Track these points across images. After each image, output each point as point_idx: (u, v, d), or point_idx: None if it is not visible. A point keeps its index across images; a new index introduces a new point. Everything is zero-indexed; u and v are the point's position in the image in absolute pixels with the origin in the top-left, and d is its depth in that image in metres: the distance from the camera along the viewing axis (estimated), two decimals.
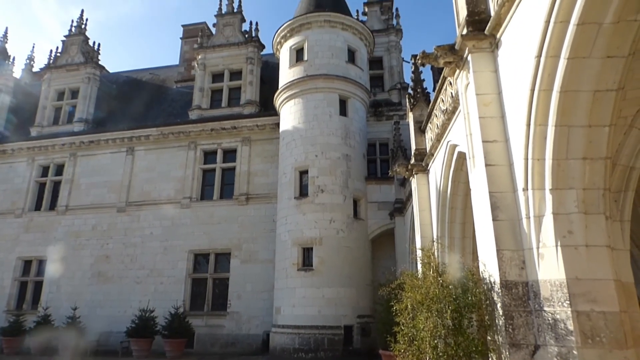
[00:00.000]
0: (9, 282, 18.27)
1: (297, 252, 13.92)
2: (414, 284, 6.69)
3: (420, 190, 9.76)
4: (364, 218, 14.88)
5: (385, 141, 17.27)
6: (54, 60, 21.87)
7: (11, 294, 18.16)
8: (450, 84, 6.66)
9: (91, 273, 17.40)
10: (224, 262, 16.52)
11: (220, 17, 20.22)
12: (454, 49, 5.26)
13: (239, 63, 19.18)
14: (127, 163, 18.58)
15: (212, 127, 17.93)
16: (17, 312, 16.82)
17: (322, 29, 15.97)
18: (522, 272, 4.45)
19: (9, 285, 18.22)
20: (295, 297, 13.49)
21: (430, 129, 8.88)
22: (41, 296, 17.64)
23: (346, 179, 14.63)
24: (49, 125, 20.59)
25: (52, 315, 15.55)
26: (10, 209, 19.38)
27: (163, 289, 16.33)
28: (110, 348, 15.22)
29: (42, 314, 15.58)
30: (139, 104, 21.06)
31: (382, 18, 19.87)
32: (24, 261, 18.64)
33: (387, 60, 18.76)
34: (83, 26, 22.53)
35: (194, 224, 16.96)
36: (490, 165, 4.77)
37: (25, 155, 20.06)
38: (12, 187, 19.74)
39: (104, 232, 17.81)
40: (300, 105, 15.45)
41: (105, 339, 15.63)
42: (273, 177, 16.57)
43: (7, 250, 18.75)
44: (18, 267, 18.55)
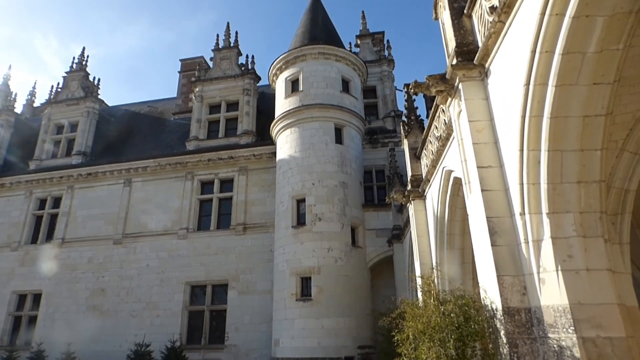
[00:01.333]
0: (3, 317, 17.86)
1: (295, 282, 13.71)
2: (415, 313, 6.59)
3: (417, 217, 9.75)
4: (362, 246, 14.76)
5: (381, 168, 17.38)
6: (54, 95, 22.21)
7: (5, 329, 17.71)
8: (443, 112, 6.80)
9: (86, 307, 17.02)
10: (221, 294, 16.23)
11: (217, 51, 20.73)
12: (445, 78, 5.41)
13: (235, 94, 19.51)
14: (124, 195, 18.55)
15: (209, 157, 18.03)
16: (10, 348, 16.35)
17: (316, 60, 16.39)
18: (524, 298, 4.40)
19: (2, 320, 17.80)
20: (294, 329, 13.18)
21: (425, 155, 8.98)
22: (35, 331, 17.18)
23: (343, 207, 14.61)
24: (47, 158, 20.68)
25: (47, 351, 15.09)
26: (6, 242, 19.17)
27: (159, 322, 15.94)
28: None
29: (36, 350, 15.11)
30: (137, 136, 21.26)
31: (374, 49, 20.49)
32: (19, 295, 18.28)
33: (381, 89, 19.17)
34: (84, 62, 23.03)
35: (191, 255, 16.76)
36: (486, 191, 4.80)
37: (23, 188, 20.02)
38: (10, 221, 19.60)
39: (100, 265, 17.56)
40: (297, 134, 15.62)
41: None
42: (270, 206, 16.54)
43: (1, 285, 18.42)
44: (12, 302, 18.17)
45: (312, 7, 19.15)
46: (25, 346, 16.65)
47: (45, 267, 18.19)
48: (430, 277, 7.44)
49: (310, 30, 17.57)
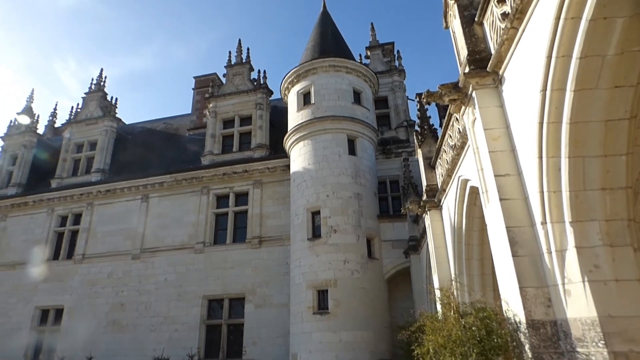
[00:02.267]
0: (27, 331, 18.17)
1: (311, 295, 13.58)
2: (435, 326, 6.47)
3: (434, 227, 9.60)
4: (379, 257, 14.58)
5: (395, 178, 17.24)
6: (74, 115, 22.83)
7: (29, 344, 18.01)
8: (456, 120, 6.71)
9: (106, 321, 17.19)
10: (238, 308, 16.18)
11: (229, 67, 21.06)
12: (458, 87, 5.35)
13: (248, 109, 19.73)
14: (141, 210, 18.81)
15: (224, 171, 18.18)
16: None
17: (327, 73, 16.48)
18: (549, 310, 4.24)
19: (26, 335, 18.10)
20: (311, 343, 13.02)
21: (440, 164, 8.86)
22: (57, 346, 17.40)
23: (358, 218, 14.49)
24: (68, 176, 21.17)
25: None
26: (30, 259, 19.58)
27: (177, 336, 15.96)
28: None
29: None
30: (154, 153, 21.62)
31: (384, 60, 20.51)
32: (42, 310, 18.61)
33: (392, 100, 19.12)
34: (102, 83, 23.67)
35: (208, 269, 16.81)
36: (505, 200, 4.68)
37: (45, 206, 20.49)
38: (33, 238, 20.06)
39: (119, 280, 17.76)
40: (310, 146, 15.65)
41: None
42: (285, 219, 16.52)
43: (25, 300, 18.79)
44: (36, 317, 18.50)
45: (321, 21, 19.36)
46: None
47: (66, 282, 18.51)
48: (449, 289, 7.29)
49: (320, 44, 17.72)
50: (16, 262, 19.81)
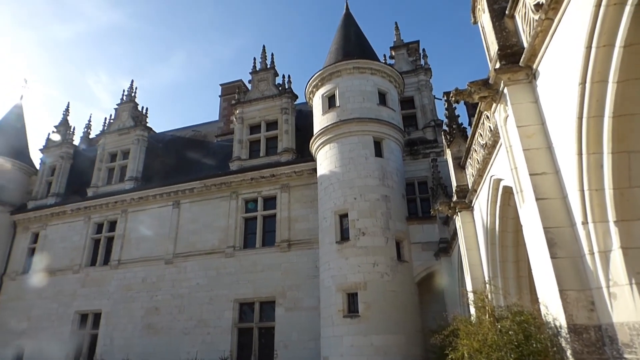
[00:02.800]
0: (68, 335, 18.94)
1: (341, 298, 13.52)
2: (469, 330, 6.35)
3: (465, 229, 9.37)
4: (408, 260, 14.36)
5: (423, 179, 16.96)
6: (107, 126, 23.71)
7: (70, 347, 18.75)
8: (487, 118, 6.52)
9: (142, 325, 17.69)
10: (268, 311, 16.30)
11: (255, 73, 21.34)
12: (488, 84, 5.19)
13: (274, 114, 19.92)
14: (173, 216, 19.29)
15: (252, 176, 18.41)
16: None
17: (351, 75, 16.42)
18: (592, 314, 4.04)
19: (67, 338, 18.87)
20: (342, 346, 12.94)
21: (470, 164, 8.64)
22: (96, 349, 18.05)
23: (387, 221, 14.33)
24: (103, 185, 21.97)
25: None
26: (69, 265, 20.46)
27: (210, 339, 16.23)
28: None
29: None
30: (183, 160, 22.17)
31: (409, 59, 20.21)
32: (81, 315, 19.36)
33: (419, 99, 18.85)
34: (133, 94, 24.46)
35: (238, 273, 17.04)
36: (542, 199, 4.51)
37: (82, 214, 21.35)
38: (71, 245, 20.92)
39: (153, 284, 18.25)
40: (336, 149, 15.63)
41: None
42: (313, 222, 16.54)
43: (66, 305, 19.61)
44: (76, 321, 19.27)
45: (344, 23, 19.32)
46: None
47: (103, 287, 19.20)
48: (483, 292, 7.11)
49: (343, 46, 17.69)
50: (56, 268, 20.70)
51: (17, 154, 24.45)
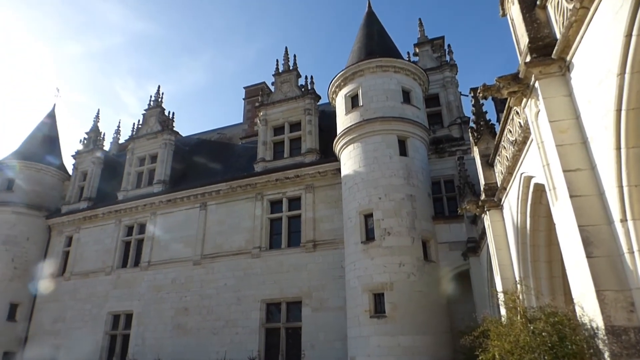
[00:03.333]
0: (101, 335, 19.60)
1: (367, 298, 13.46)
2: (500, 331, 6.26)
3: (494, 228, 9.16)
4: (435, 260, 14.16)
5: (450, 178, 16.69)
6: (136, 131, 24.43)
7: (103, 347, 19.41)
8: (517, 114, 6.35)
9: (172, 325, 18.12)
10: (295, 311, 16.40)
11: (277, 75, 21.53)
12: (518, 78, 5.06)
13: (297, 115, 20.04)
14: (200, 218, 19.69)
15: (277, 177, 18.58)
16: None
17: (374, 74, 16.32)
18: (632, 315, 3.89)
19: (101, 339, 19.53)
20: (369, 346, 12.89)
21: (499, 161, 8.45)
22: (128, 349, 18.60)
23: (412, 220, 14.18)
24: (133, 188, 22.63)
25: None
26: (101, 267, 21.17)
27: (238, 339, 16.47)
28: None
29: None
30: (209, 162, 22.60)
31: (434, 56, 19.89)
32: (113, 315, 19.98)
33: (444, 96, 18.55)
34: (159, 99, 25.10)
35: (265, 273, 17.22)
36: (576, 197, 4.36)
37: (113, 217, 22.06)
38: (103, 248, 21.65)
39: (182, 285, 18.67)
40: (360, 149, 15.57)
41: None
42: (338, 223, 16.54)
43: (99, 306, 20.29)
44: (108, 322, 19.90)
45: (367, 21, 19.23)
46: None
47: (134, 289, 19.77)
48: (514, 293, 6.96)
49: (366, 45, 17.61)
50: (90, 270, 21.45)
51: (51, 160, 25.49)
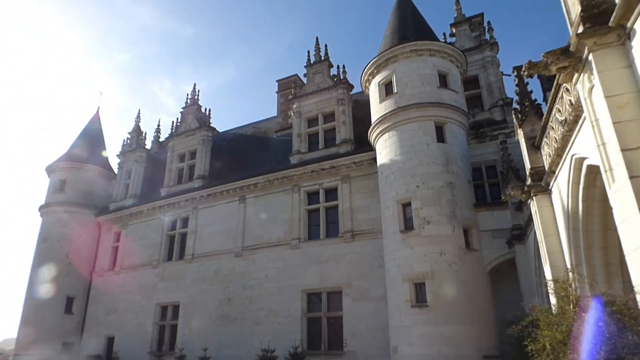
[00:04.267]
0: (150, 326, 20.57)
1: (408, 288, 13.31)
2: (551, 321, 6.05)
3: (542, 214, 8.76)
4: (478, 248, 13.76)
5: (491, 163, 16.09)
6: (175, 129, 25.19)
7: (153, 337, 20.37)
8: (567, 91, 5.96)
9: (217, 315, 18.73)
10: (336, 301, 16.49)
11: (309, 67, 21.46)
12: (569, 52, 4.72)
13: (330, 106, 19.93)
14: (239, 211, 20.12)
15: (312, 168, 18.62)
16: (158, 354, 18.76)
17: (408, 59, 15.87)
18: None
19: (150, 329, 20.50)
20: (411, 336, 12.77)
21: (546, 143, 8.01)
22: (177, 338, 19.42)
23: (453, 208, 13.81)
24: (174, 184, 23.41)
25: (187, 356, 16.87)
26: (148, 261, 22.14)
27: (281, 329, 16.80)
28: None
29: (179, 355, 17.03)
30: (246, 156, 22.99)
31: (472, 35, 19.02)
32: (161, 307, 20.89)
33: (484, 78, 17.79)
34: (196, 97, 25.72)
35: (305, 264, 17.40)
36: (637, 177, 4.05)
37: (157, 213, 22.95)
38: (149, 242, 22.61)
39: (225, 277, 19.21)
40: (395, 137, 15.28)
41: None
42: (375, 212, 16.40)
43: (147, 298, 21.28)
44: (157, 313, 20.84)
45: (398, 4, 18.61)
46: (169, 352, 18.93)
47: (180, 281, 20.55)
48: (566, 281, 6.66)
49: (399, 29, 17.14)
50: (137, 264, 22.48)
51: (98, 161, 26.82)
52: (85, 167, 25.93)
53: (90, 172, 26.08)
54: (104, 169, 26.97)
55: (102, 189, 26.34)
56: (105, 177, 26.82)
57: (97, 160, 26.84)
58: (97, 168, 26.44)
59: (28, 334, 22.21)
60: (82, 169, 25.86)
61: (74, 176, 25.56)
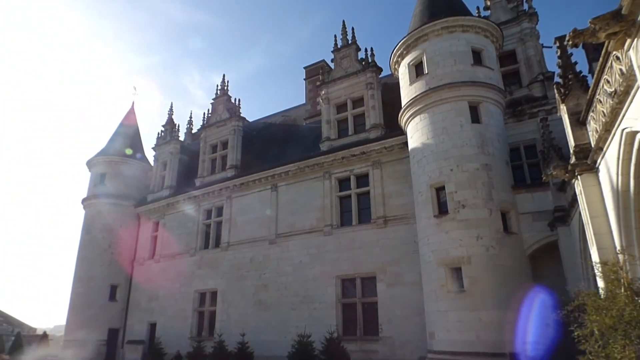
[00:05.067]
0: (190, 312, 21.32)
1: (444, 272, 13.08)
2: (599, 305, 5.79)
3: (588, 194, 8.27)
4: (517, 232, 13.29)
5: (531, 143, 15.41)
6: (206, 120, 25.64)
7: (192, 323, 21.13)
8: (617, 60, 5.51)
9: (253, 301, 19.17)
10: (370, 286, 16.48)
11: (336, 51, 21.14)
12: (620, 15, 4.35)
13: (359, 91, 19.61)
14: (272, 199, 20.34)
15: (343, 155, 18.48)
16: (198, 339, 19.45)
17: (439, 37, 15.28)
18: None
19: (190, 315, 21.26)
20: (448, 321, 12.58)
21: (592, 118, 7.52)
22: (215, 324, 20.05)
23: (489, 191, 13.35)
24: (208, 175, 23.93)
25: (225, 341, 17.39)
26: (186, 249, 22.86)
27: (317, 314, 16.99)
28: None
29: (217, 340, 17.59)
30: (276, 144, 23.13)
31: (508, 7, 17.98)
32: (200, 293, 21.59)
33: (522, 52, 16.89)
34: (225, 87, 26.00)
35: (338, 250, 17.44)
36: None
37: (193, 202, 23.56)
38: (186, 231, 23.30)
39: (260, 264, 19.58)
40: (427, 120, 14.87)
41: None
42: (408, 197, 16.14)
43: (187, 285, 22.03)
44: (196, 299, 21.56)
45: None
46: (209, 337, 19.57)
47: (217, 268, 21.11)
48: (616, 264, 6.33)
49: (429, 6, 16.49)
50: (176, 253, 23.26)
51: (135, 154, 27.73)
52: (123, 161, 26.93)
53: (127, 165, 27.06)
54: (141, 162, 27.90)
55: (140, 181, 27.29)
56: (142, 169, 27.76)
57: (134, 153, 27.75)
58: (134, 161, 27.39)
59: (76, 320, 23.54)
60: (120, 162, 26.88)
61: (113, 169, 26.61)
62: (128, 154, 26.95)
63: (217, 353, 17.04)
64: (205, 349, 17.80)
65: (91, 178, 27.20)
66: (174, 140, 26.83)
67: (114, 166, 26.73)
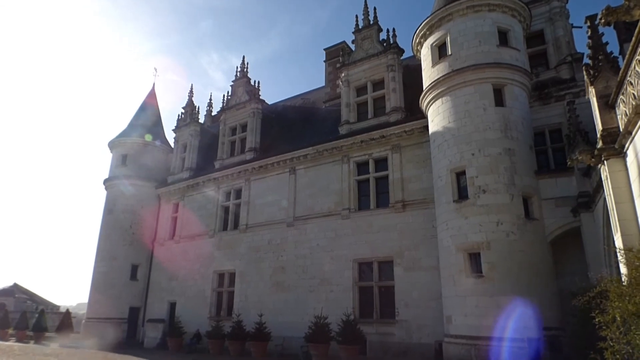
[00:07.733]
0: (209, 292, 21.84)
1: (462, 258, 13.03)
2: (622, 292, 5.73)
3: (614, 179, 8.05)
4: (539, 217, 13.07)
5: (556, 127, 14.98)
6: (226, 103, 25.76)
7: (212, 303, 21.67)
8: None
9: (271, 283, 19.50)
10: (387, 270, 16.54)
11: (357, 32, 20.80)
12: None
13: (380, 73, 19.32)
14: (290, 182, 20.45)
15: (362, 139, 18.36)
16: (217, 318, 19.96)
17: (464, 17, 14.85)
18: None
19: (209, 295, 21.79)
20: (466, 306, 12.58)
21: (622, 101, 7.25)
22: (234, 304, 20.51)
23: (511, 176, 13.12)
24: (227, 157, 24.17)
25: (244, 321, 17.83)
26: (205, 230, 23.29)
27: (334, 297, 17.20)
28: (292, 352, 16.75)
29: (236, 320, 18.03)
30: (295, 128, 23.11)
31: None
32: (218, 274, 22.04)
33: (550, 32, 16.26)
34: (245, 70, 25.98)
35: (355, 234, 17.50)
36: None
37: (212, 184, 23.90)
38: (206, 213, 23.70)
39: (278, 246, 19.82)
40: (449, 103, 14.60)
41: (287, 343, 17.28)
42: (427, 182, 16.00)
43: (206, 266, 22.52)
44: (215, 280, 22.03)
45: None
46: (227, 317, 20.06)
47: (235, 249, 21.48)
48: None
49: None
50: (195, 234, 23.72)
51: (155, 136, 28.17)
52: (144, 142, 27.38)
53: (148, 146, 27.53)
54: (162, 144, 28.33)
55: (161, 163, 27.74)
56: (163, 151, 28.21)
57: (154, 135, 28.19)
58: (155, 142, 27.80)
59: (98, 298, 24.33)
60: (141, 144, 27.35)
61: (134, 151, 27.12)
62: (148, 139, 27.38)
63: (235, 333, 17.49)
64: (223, 329, 18.27)
65: (113, 159, 27.78)
66: (193, 123, 27.09)
67: (135, 148, 27.21)
